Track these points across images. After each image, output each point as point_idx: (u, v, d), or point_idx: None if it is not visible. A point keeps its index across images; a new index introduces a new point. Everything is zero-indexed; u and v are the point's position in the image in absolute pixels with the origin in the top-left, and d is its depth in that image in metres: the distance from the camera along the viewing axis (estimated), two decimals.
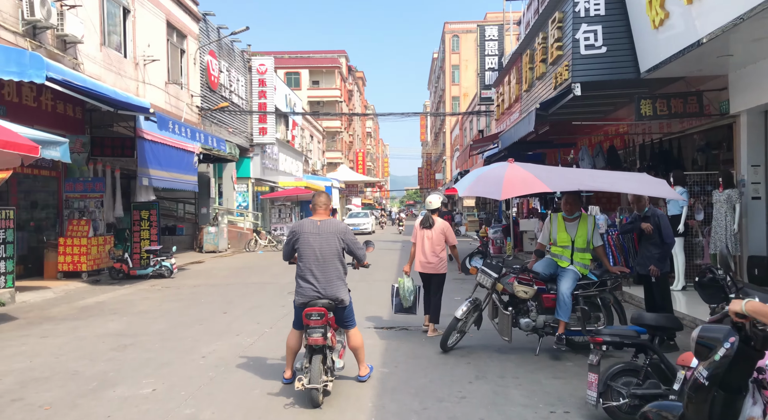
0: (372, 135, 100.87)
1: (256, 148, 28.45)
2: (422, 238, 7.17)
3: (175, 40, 20.18)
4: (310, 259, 4.89)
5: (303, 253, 4.93)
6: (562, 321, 5.92)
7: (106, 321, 8.05)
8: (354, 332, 5.26)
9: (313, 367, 4.56)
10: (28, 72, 9.70)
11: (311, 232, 4.95)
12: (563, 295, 5.90)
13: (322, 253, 4.90)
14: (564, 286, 5.93)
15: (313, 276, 4.88)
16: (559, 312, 5.93)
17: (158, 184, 14.55)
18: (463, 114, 35.80)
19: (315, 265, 4.88)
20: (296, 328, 5.04)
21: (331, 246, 4.94)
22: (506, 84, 16.86)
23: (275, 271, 14.59)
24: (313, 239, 4.92)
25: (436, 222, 7.11)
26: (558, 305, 5.93)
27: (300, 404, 4.62)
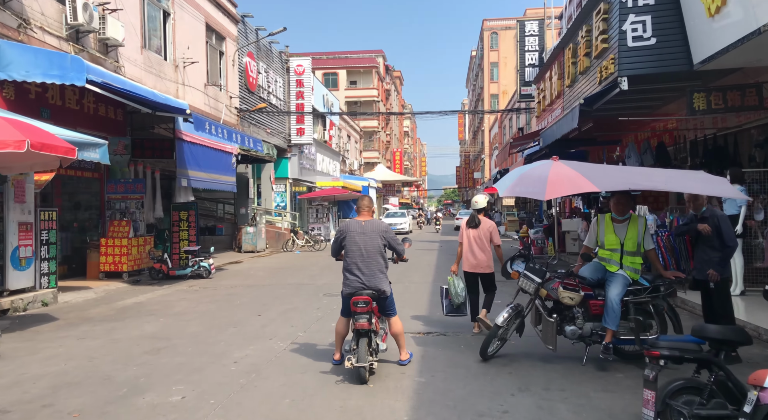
0: (409, 134, 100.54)
1: (293, 149, 28.58)
2: (469, 238, 7.18)
3: (214, 42, 20.37)
4: (356, 255, 5.53)
5: (349, 250, 5.58)
6: (610, 329, 5.54)
7: (142, 323, 8.04)
8: (395, 320, 5.79)
9: (360, 349, 5.17)
10: (69, 75, 9.82)
11: (356, 231, 5.60)
12: (612, 301, 5.52)
13: (367, 249, 5.53)
14: (613, 292, 5.55)
15: (359, 270, 5.51)
16: (606, 319, 5.55)
17: (197, 184, 14.66)
18: (502, 111, 35.14)
19: (360, 260, 5.52)
20: (344, 316, 5.69)
21: (374, 243, 5.56)
22: (547, 80, 16.33)
23: (312, 272, 14.49)
24: (358, 237, 5.56)
25: (482, 222, 7.14)
26: (606, 312, 5.55)
27: (349, 381, 5.23)
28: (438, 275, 13.37)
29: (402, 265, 14.26)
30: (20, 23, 10.68)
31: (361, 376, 5.11)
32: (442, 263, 16.48)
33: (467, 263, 7.20)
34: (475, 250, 7.10)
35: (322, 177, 33.19)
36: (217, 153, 15.68)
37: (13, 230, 9.41)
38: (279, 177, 27.61)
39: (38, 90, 11.16)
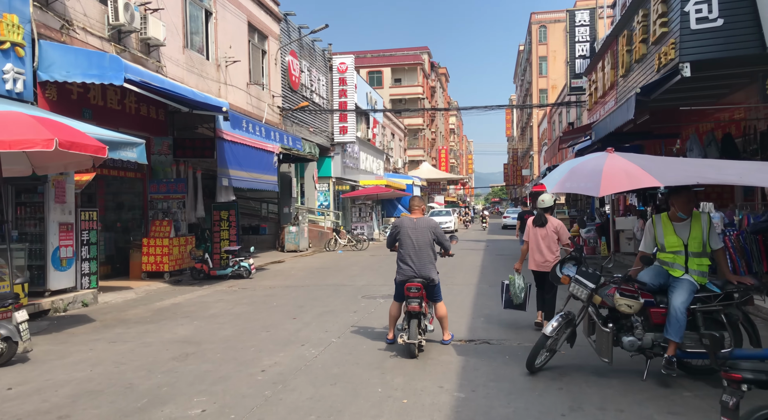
0: (455, 132, 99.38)
1: (336, 148, 28.41)
2: (536, 237, 7.29)
3: (256, 41, 20.35)
4: (409, 247, 6.32)
5: (403, 243, 6.38)
6: (673, 341, 4.92)
7: (176, 325, 7.87)
8: (441, 305, 6.61)
9: (411, 328, 5.99)
10: (108, 74, 9.83)
11: (409, 226, 6.39)
12: (676, 310, 4.89)
13: (418, 243, 6.31)
14: (678, 300, 4.92)
15: (411, 260, 6.28)
16: (668, 330, 4.92)
17: (238, 184, 14.57)
18: (551, 105, 34.00)
19: (412, 252, 6.30)
20: (397, 300, 6.51)
21: (425, 237, 6.34)
22: (599, 70, 15.46)
23: (352, 273, 14.17)
24: (411, 232, 6.34)
25: (549, 220, 7.24)
26: (668, 322, 4.93)
27: (401, 356, 5.99)
28: (483, 277, 12.80)
29: (445, 266, 13.86)
30: (63, 24, 10.76)
31: (411, 351, 5.96)
32: (488, 264, 15.87)
33: (533, 262, 7.31)
34: (542, 248, 7.18)
35: (365, 175, 32.94)
36: (258, 152, 15.57)
37: (53, 230, 9.45)
38: (322, 176, 27.51)
39: (80, 90, 11.23)
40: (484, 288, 11.08)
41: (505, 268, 14.39)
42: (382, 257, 18.64)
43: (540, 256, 7.19)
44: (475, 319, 8.05)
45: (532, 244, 7.31)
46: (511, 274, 7.36)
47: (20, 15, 9.54)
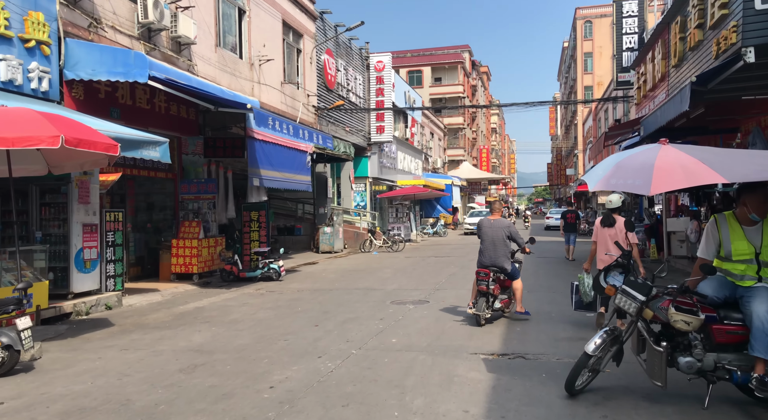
0: (497, 131, 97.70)
1: (373, 147, 27.99)
2: (604, 237, 7.46)
3: (291, 39, 20.10)
4: (487, 242, 7.89)
5: (482, 238, 7.95)
6: (762, 359, 4.17)
7: (193, 332, 7.52)
8: (516, 281, 8.11)
9: (479, 303, 7.49)
10: (132, 72, 9.63)
11: (487, 226, 7.95)
12: (762, 321, 4.11)
13: (494, 239, 7.82)
14: (761, 308, 4.15)
15: (488, 252, 7.86)
16: (755, 346, 4.12)
17: (270, 184, 14.24)
18: (596, 101, 32.66)
19: (490, 246, 7.84)
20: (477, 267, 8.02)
21: (499, 235, 7.81)
22: (649, 62, 14.47)
23: (384, 275, 13.65)
24: (488, 230, 7.90)
25: (617, 220, 7.41)
26: (754, 337, 4.13)
27: (469, 323, 7.34)
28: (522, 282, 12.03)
29: None
30: (91, 22, 10.63)
31: (478, 320, 7.50)
32: (527, 267, 15.06)
33: (602, 261, 7.36)
34: (610, 248, 7.22)
35: (403, 175, 32.41)
36: (290, 151, 15.23)
37: (77, 232, 9.28)
38: (359, 176, 27.13)
39: (108, 89, 11.10)
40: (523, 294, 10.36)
41: (546, 273, 13.60)
42: (416, 259, 18.06)
43: (609, 257, 7.14)
44: (510, 329, 7.40)
45: (600, 244, 7.49)
46: (580, 274, 7.41)
47: (46, 13, 9.42)
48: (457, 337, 6.93)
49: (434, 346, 6.48)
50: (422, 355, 6.10)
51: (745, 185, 4.40)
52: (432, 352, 6.22)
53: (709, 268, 4.37)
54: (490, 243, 7.80)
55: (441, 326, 7.60)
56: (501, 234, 7.77)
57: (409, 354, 6.12)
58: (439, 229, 32.91)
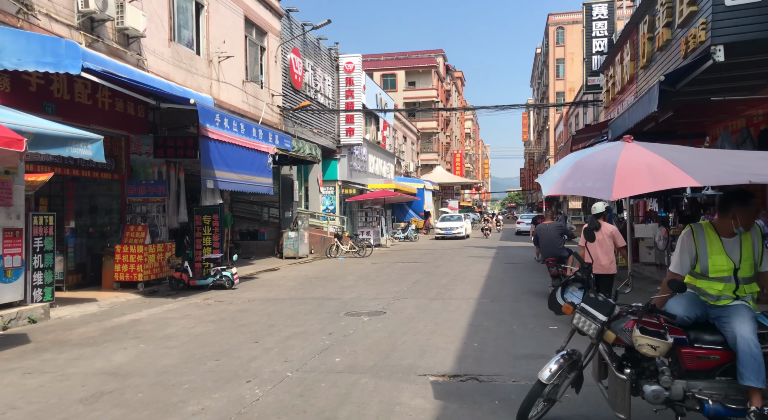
0: (471, 136, 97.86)
1: (343, 150, 27.33)
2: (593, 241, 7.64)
3: (254, 36, 19.35)
4: (545, 240, 9.83)
5: (540, 238, 9.96)
6: (755, 388, 3.63)
7: (117, 349, 6.76)
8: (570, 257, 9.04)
9: (555, 282, 9.39)
10: (63, 62, 8.80)
11: (542, 229, 10.01)
12: (748, 342, 3.56)
13: (549, 237, 9.80)
14: (744, 329, 3.58)
15: (544, 247, 9.82)
16: (743, 373, 3.56)
17: (225, 186, 13.42)
18: (567, 105, 32.56)
19: (547, 243, 9.79)
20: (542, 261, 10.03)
21: (553, 234, 9.82)
22: (617, 64, 14.13)
23: (345, 283, 12.98)
24: (545, 232, 9.90)
25: (603, 226, 7.68)
26: (741, 363, 3.54)
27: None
28: (486, 290, 11.53)
29: (448, 276, 12.79)
30: (20, 8, 9.78)
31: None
32: (494, 274, 14.57)
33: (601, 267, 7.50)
34: (597, 253, 7.56)
35: (374, 179, 31.81)
36: (249, 152, 14.44)
37: None
38: (327, 179, 26.43)
39: (40, 82, 10.25)
40: (485, 304, 9.83)
41: (512, 281, 13.11)
42: (382, 265, 17.44)
43: (595, 259, 7.51)
44: (467, 344, 6.81)
45: (589, 248, 7.68)
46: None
47: None
48: (408, 355, 6.31)
49: (380, 366, 5.85)
50: (365, 377, 5.46)
51: (734, 195, 3.84)
52: (377, 373, 5.59)
53: (679, 284, 3.81)
54: (548, 239, 9.80)
55: (393, 342, 6.98)
56: (555, 233, 9.85)
57: (351, 377, 5.48)
58: (410, 233, 32.37)
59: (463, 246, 26.76)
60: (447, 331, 7.58)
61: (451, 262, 18.40)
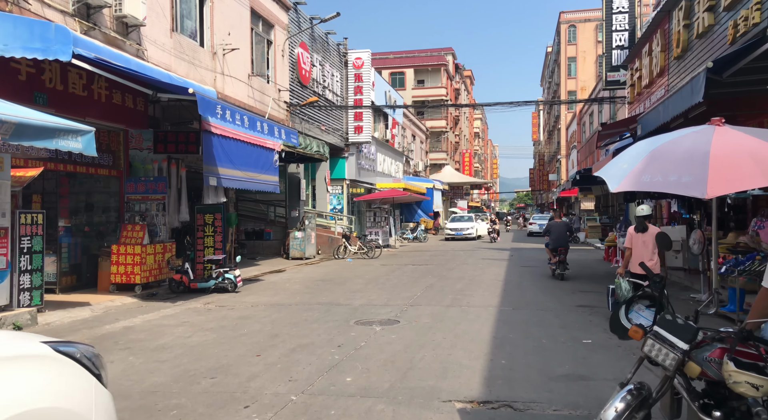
0: (480, 135, 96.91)
1: (351, 148, 26.60)
2: (638, 242, 7.84)
3: (260, 29, 18.65)
4: (555, 234, 13.41)
5: (551, 232, 13.52)
6: None
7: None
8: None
9: (559, 267, 13.21)
10: (53, 48, 8.13)
11: (553, 225, 13.68)
12: None
13: (559, 231, 13.46)
14: None
15: (554, 239, 13.34)
16: None
17: (229, 184, 12.76)
18: (583, 102, 31.65)
19: (556, 237, 13.33)
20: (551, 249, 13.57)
21: (562, 229, 13.62)
22: (645, 56, 13.30)
23: (353, 287, 12.25)
24: (555, 227, 13.56)
25: (649, 227, 7.84)
26: None
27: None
28: (506, 296, 10.77)
29: (462, 281, 12.13)
30: None
31: (556, 276, 13.24)
32: (512, 278, 13.79)
33: (635, 266, 7.69)
34: (644, 253, 7.72)
35: (382, 178, 31.06)
36: (255, 148, 13.76)
37: None
38: (335, 178, 25.72)
39: (31, 70, 9.59)
40: (507, 312, 9.06)
41: (532, 286, 12.33)
42: (392, 268, 16.70)
43: (641, 260, 7.44)
44: (493, 361, 6.06)
45: (634, 249, 7.86)
46: (617, 279, 7.74)
47: None
48: (429, 374, 5.57)
49: (398, 388, 5.11)
50: (381, 403, 4.73)
51: None
52: (394, 398, 4.85)
53: None
54: (557, 233, 13.44)
55: (410, 357, 6.23)
56: (564, 229, 13.67)
57: (365, 402, 4.74)
58: (419, 234, 31.59)
59: (474, 247, 25.97)
60: (469, 344, 6.84)
61: (464, 264, 17.63)
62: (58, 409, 2.06)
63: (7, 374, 2.00)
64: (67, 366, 2.27)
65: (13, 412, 1.84)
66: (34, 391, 2.03)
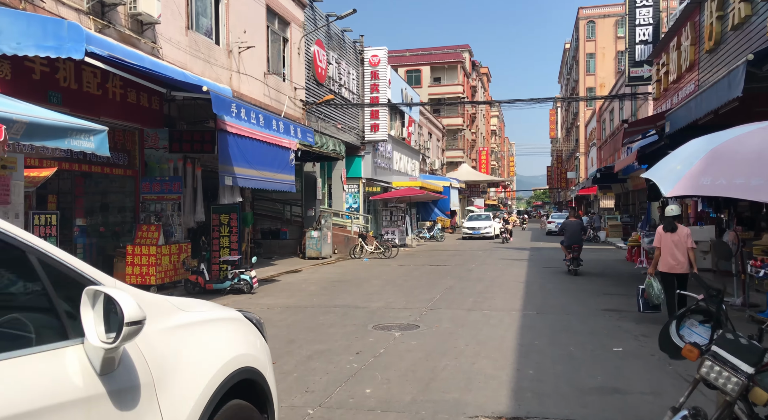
0: (497, 133, 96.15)
1: (367, 146, 26.35)
2: (667, 242, 7.86)
3: (276, 27, 18.46)
4: (569, 232, 14.69)
5: (566, 230, 15.00)
6: None
7: None
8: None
9: (573, 263, 14.32)
10: (65, 46, 7.97)
11: (568, 224, 15.11)
12: None
13: (574, 229, 14.65)
14: None
15: (569, 237, 14.60)
16: None
17: (245, 184, 12.59)
18: (604, 98, 31.02)
19: (571, 234, 14.60)
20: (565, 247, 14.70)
21: (576, 228, 14.70)
22: (673, 50, 12.84)
23: (371, 289, 11.98)
24: (569, 226, 14.95)
25: (679, 227, 7.88)
26: None
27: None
28: (528, 299, 10.43)
29: (482, 282, 11.78)
30: None
31: (570, 271, 14.19)
32: (533, 279, 13.43)
33: (665, 265, 7.85)
34: (674, 252, 7.79)
35: (398, 177, 30.77)
36: (270, 147, 13.56)
37: None
38: (351, 176, 25.50)
39: (45, 69, 9.45)
40: (531, 317, 8.73)
41: (554, 289, 11.96)
42: (410, 268, 16.41)
43: (672, 259, 7.79)
44: (520, 372, 5.75)
45: (664, 248, 7.88)
46: (648, 279, 7.93)
47: None
48: (452, 386, 5.28)
49: (420, 402, 4.83)
50: (403, 418, 4.46)
51: None
52: (417, 413, 4.57)
53: None
54: (572, 231, 14.56)
55: (431, 366, 5.95)
56: (578, 228, 14.71)
57: (386, 418, 4.47)
58: (436, 233, 31.26)
59: (493, 247, 25.57)
60: (493, 352, 6.53)
61: (483, 265, 17.29)
62: (249, 355, 2.83)
63: (231, 328, 2.89)
64: (250, 326, 3.14)
65: (236, 352, 2.70)
66: (242, 340, 2.89)
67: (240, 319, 3.08)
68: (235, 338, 2.83)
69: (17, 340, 1.83)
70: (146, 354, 2.14)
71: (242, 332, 2.96)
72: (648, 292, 7.89)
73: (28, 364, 1.75)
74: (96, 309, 1.94)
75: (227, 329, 2.84)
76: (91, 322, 1.92)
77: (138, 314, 1.89)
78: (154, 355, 2.18)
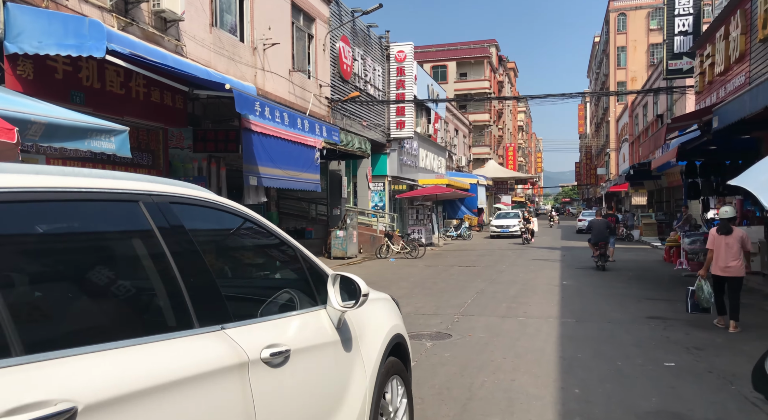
0: (524, 129, 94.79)
1: (393, 144, 25.96)
2: (721, 244, 7.73)
3: (301, 23, 18.18)
4: (596, 230, 15.63)
5: (593, 229, 16.01)
6: None
7: None
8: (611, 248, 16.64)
9: (600, 259, 15.10)
10: (86, 44, 7.78)
11: (596, 222, 16.08)
12: None
13: (599, 228, 15.59)
14: None
15: (595, 235, 15.46)
16: None
17: (270, 183, 12.34)
18: (641, 92, 30.02)
19: (597, 233, 15.45)
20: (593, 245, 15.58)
21: (602, 226, 15.69)
22: (719, 40, 12.13)
23: (399, 291, 11.60)
24: (595, 224, 16.04)
25: (734, 230, 7.73)
26: None
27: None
28: (565, 305, 9.91)
29: (515, 285, 11.32)
30: None
31: (598, 267, 14.96)
32: (569, 282, 12.86)
33: (717, 267, 7.76)
34: (727, 255, 7.68)
35: (425, 174, 30.32)
36: (296, 146, 13.28)
37: None
38: (377, 174, 25.14)
39: (68, 69, 9.25)
40: (570, 325, 8.24)
41: (593, 292, 11.40)
42: (438, 269, 15.97)
43: (724, 262, 7.70)
44: (565, 390, 5.29)
45: (717, 251, 7.78)
46: (698, 281, 7.86)
47: None
48: (492, 407, 4.86)
49: None
50: None
51: None
52: None
53: None
54: (597, 229, 15.40)
55: (468, 383, 5.53)
56: (603, 225, 15.56)
57: None
58: (463, 231, 30.72)
59: (522, 246, 24.95)
60: (533, 366, 6.08)
61: (514, 265, 16.76)
62: (399, 325, 3.72)
63: (387, 305, 3.76)
64: (395, 304, 3.98)
65: (393, 322, 3.60)
66: (394, 314, 3.76)
67: (389, 298, 3.93)
68: (389, 312, 3.69)
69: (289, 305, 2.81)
70: (352, 318, 3.09)
71: (393, 308, 3.85)
72: (698, 294, 7.84)
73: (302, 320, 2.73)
74: (335, 286, 2.90)
75: (384, 306, 3.70)
76: (333, 294, 2.87)
77: (367, 290, 2.84)
78: (356, 319, 3.13)
